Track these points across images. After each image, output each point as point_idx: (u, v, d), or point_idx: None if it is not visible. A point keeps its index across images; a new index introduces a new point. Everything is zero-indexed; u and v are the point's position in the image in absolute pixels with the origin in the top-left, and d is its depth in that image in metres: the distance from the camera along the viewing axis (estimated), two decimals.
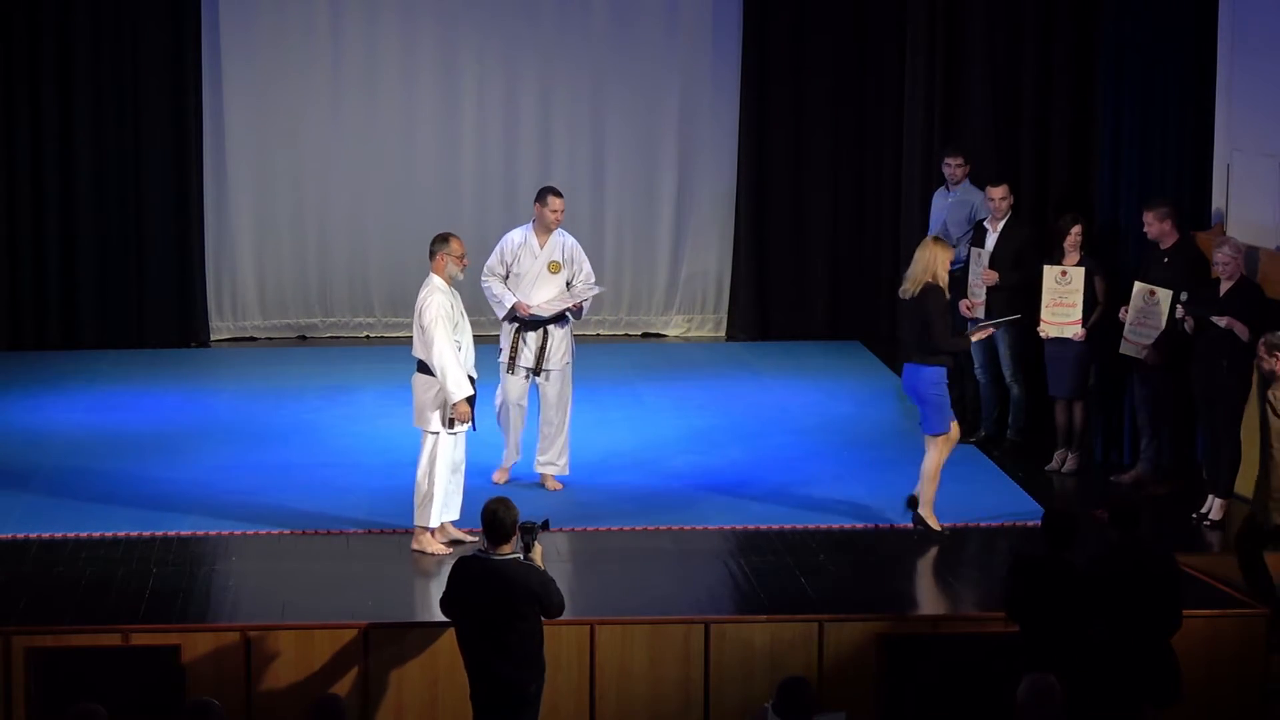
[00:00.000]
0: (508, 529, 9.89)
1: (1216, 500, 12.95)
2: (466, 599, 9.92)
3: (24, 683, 10.70)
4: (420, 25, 18.83)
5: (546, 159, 19.06)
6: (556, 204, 13.58)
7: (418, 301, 12.32)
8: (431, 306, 12.18)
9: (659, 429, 15.36)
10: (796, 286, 19.23)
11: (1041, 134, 15.84)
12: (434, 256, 12.40)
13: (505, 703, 9.87)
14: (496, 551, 9.90)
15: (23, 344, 18.29)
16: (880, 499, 13.44)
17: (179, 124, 18.41)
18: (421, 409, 12.31)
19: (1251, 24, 13.69)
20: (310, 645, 10.85)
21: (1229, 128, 13.90)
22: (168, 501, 13.30)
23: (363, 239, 19.02)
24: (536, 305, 13.46)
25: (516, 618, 9.82)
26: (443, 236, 12.54)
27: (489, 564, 9.89)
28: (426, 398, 12.26)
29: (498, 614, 9.82)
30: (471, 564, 9.96)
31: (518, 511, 10.03)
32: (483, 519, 9.97)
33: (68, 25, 18.12)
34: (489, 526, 9.91)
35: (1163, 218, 13.67)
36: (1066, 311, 13.79)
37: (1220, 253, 12.95)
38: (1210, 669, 11.16)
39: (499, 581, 9.83)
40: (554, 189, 13.77)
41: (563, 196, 13.71)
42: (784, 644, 10.91)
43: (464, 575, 9.97)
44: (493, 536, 9.90)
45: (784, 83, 18.95)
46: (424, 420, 12.29)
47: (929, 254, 12.54)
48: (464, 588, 9.94)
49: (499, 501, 10.04)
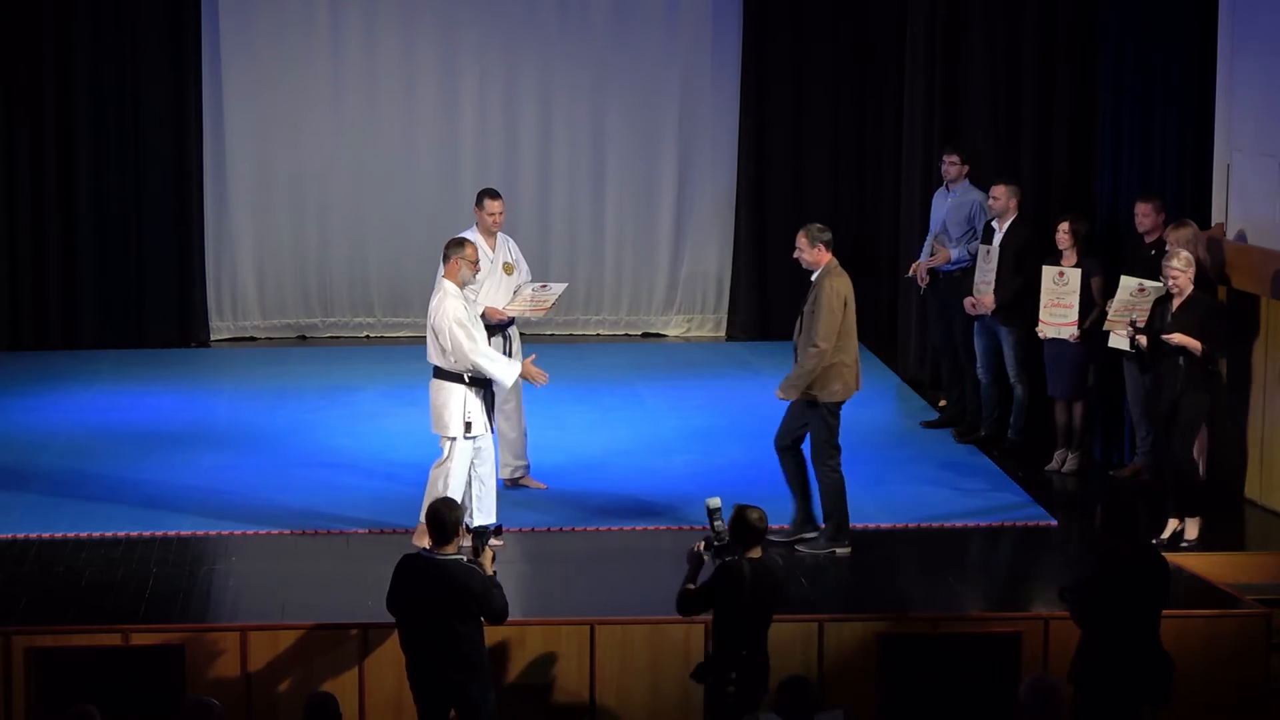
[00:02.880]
0: (449, 529, 9.91)
1: (1189, 520, 12.58)
2: (407, 596, 9.94)
3: (24, 683, 10.69)
4: (420, 26, 18.84)
5: (546, 159, 19.07)
6: (494, 207, 13.38)
7: (431, 308, 12.24)
8: (447, 311, 12.11)
9: (659, 429, 15.36)
10: (796, 286, 19.10)
11: (1041, 134, 15.84)
12: (448, 260, 12.26)
13: (445, 704, 9.90)
14: (440, 551, 9.92)
15: (23, 344, 18.29)
16: (880, 499, 13.43)
17: (179, 124, 18.42)
18: (439, 414, 12.26)
19: (1251, 24, 13.69)
20: (310, 645, 10.85)
21: (1229, 128, 13.90)
22: (168, 501, 13.30)
23: (363, 239, 19.03)
24: (504, 308, 13.29)
25: (455, 619, 9.82)
26: (458, 241, 12.43)
27: (431, 563, 9.91)
28: (443, 403, 12.22)
29: (437, 613, 9.83)
30: (414, 562, 10.00)
31: (462, 512, 10.14)
32: (426, 518, 10.04)
33: (68, 25, 18.13)
34: (432, 525, 9.94)
35: (1159, 210, 13.74)
36: (1063, 312, 13.80)
37: (1170, 267, 12.51)
38: (1210, 669, 11.16)
39: (439, 581, 9.84)
40: (492, 191, 13.57)
41: (501, 198, 13.51)
42: (784, 644, 10.89)
43: (406, 573, 10.00)
44: (436, 536, 9.92)
45: (784, 83, 18.95)
46: (442, 425, 12.25)
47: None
48: (405, 585, 9.96)
49: (443, 501, 10.18)
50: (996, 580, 12.50)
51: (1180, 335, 12.35)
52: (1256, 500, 13.62)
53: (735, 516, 9.99)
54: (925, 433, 15.43)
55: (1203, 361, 12.39)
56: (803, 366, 12.28)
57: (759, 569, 9.94)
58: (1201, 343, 12.34)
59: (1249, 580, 12.01)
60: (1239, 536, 13.28)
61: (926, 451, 14.86)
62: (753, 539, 9.96)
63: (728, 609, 9.91)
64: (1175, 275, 12.48)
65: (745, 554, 9.93)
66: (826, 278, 12.35)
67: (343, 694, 10.49)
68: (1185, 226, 13.40)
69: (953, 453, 14.83)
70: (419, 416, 15.33)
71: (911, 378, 17.22)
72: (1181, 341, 12.34)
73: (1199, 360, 12.38)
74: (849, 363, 12.43)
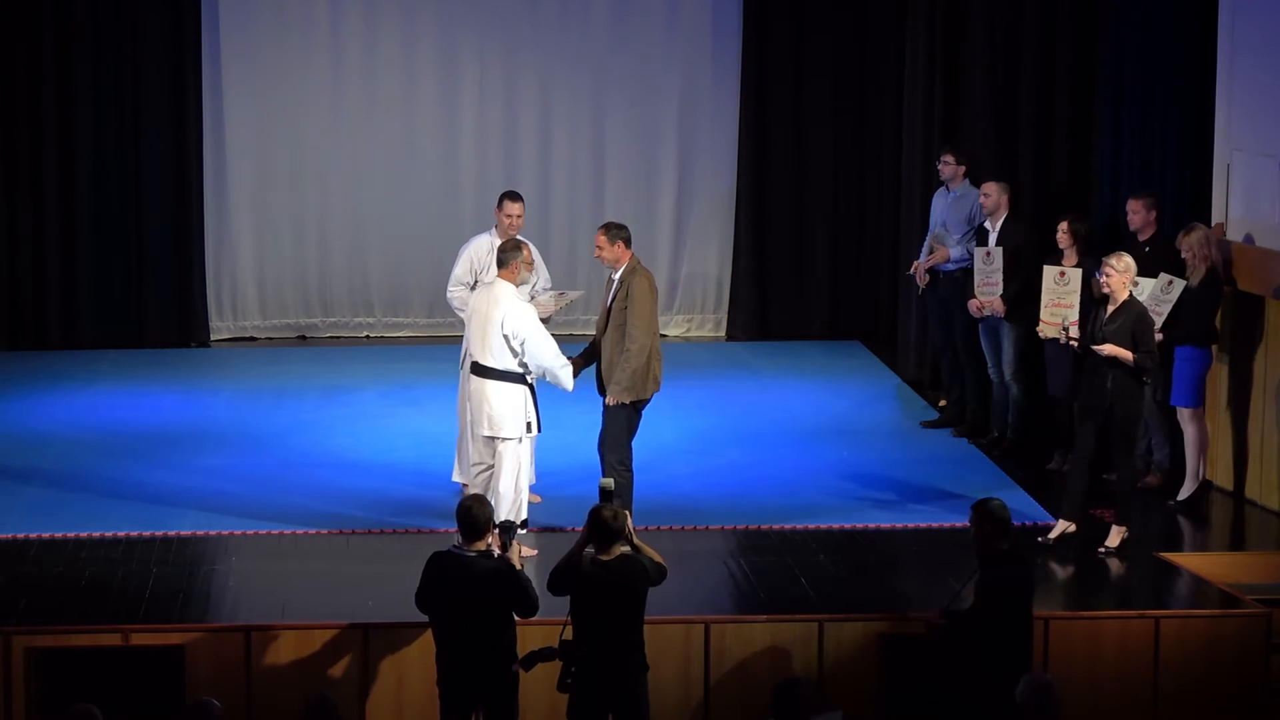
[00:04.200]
0: (481, 526, 9.93)
1: (1115, 528, 12.47)
2: (442, 594, 9.95)
3: (24, 683, 10.69)
4: (420, 26, 18.83)
5: (546, 159, 19.07)
6: (514, 209, 13.25)
7: (498, 313, 12.06)
8: (524, 314, 12.10)
9: (659, 429, 15.33)
10: (796, 286, 19.23)
11: (1041, 134, 15.84)
12: (507, 265, 12.19)
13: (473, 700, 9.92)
14: (470, 547, 9.93)
15: (23, 344, 18.29)
16: (880, 499, 13.43)
17: (179, 124, 18.42)
18: (500, 417, 12.16)
19: (1251, 24, 13.69)
20: (310, 645, 10.85)
21: (1229, 128, 13.90)
22: (168, 501, 13.30)
23: (363, 239, 19.02)
24: None
25: (491, 614, 9.86)
26: (516, 244, 12.34)
27: (464, 560, 9.92)
28: (504, 405, 12.15)
29: (473, 610, 9.85)
30: (447, 559, 10.00)
31: (491, 509, 10.15)
32: (458, 515, 10.03)
33: (68, 26, 18.13)
34: (464, 523, 9.95)
35: (1150, 208, 13.75)
36: (1065, 312, 13.79)
37: (1107, 264, 12.36)
38: (1210, 669, 11.16)
39: (474, 578, 9.86)
40: (514, 193, 13.46)
41: (522, 201, 13.40)
42: (784, 644, 10.91)
43: (439, 570, 10.00)
44: (467, 533, 9.94)
45: (784, 83, 18.95)
46: (498, 427, 12.17)
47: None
48: (439, 583, 9.97)
49: (473, 498, 10.20)
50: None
51: (1112, 346, 12.22)
52: (1256, 500, 13.62)
53: (590, 514, 9.90)
54: (925, 433, 15.43)
55: (1135, 371, 12.33)
56: (629, 365, 12.24)
57: (601, 571, 9.82)
58: (1133, 351, 12.25)
59: (1249, 580, 11.99)
60: (1239, 536, 13.29)
61: (926, 451, 14.85)
62: (605, 538, 9.84)
63: (573, 603, 9.89)
64: (1109, 275, 12.29)
65: (599, 554, 9.84)
66: (634, 275, 12.31)
67: (343, 694, 10.51)
68: (1195, 230, 13.39)
69: (953, 452, 14.82)
70: (419, 416, 15.41)
71: (911, 378, 17.22)
72: (1114, 353, 12.23)
73: (1131, 370, 12.30)
74: (658, 359, 12.39)
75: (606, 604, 9.81)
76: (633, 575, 9.85)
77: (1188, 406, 13.46)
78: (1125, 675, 11.14)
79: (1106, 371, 12.28)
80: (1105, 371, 12.29)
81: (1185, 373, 13.43)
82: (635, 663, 9.89)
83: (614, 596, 9.82)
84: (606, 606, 9.81)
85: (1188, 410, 13.47)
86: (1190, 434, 13.49)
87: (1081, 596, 11.97)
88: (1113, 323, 12.29)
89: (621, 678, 9.82)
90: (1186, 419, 13.49)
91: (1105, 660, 11.15)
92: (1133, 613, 11.34)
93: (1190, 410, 13.48)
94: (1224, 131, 13.94)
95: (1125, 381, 12.29)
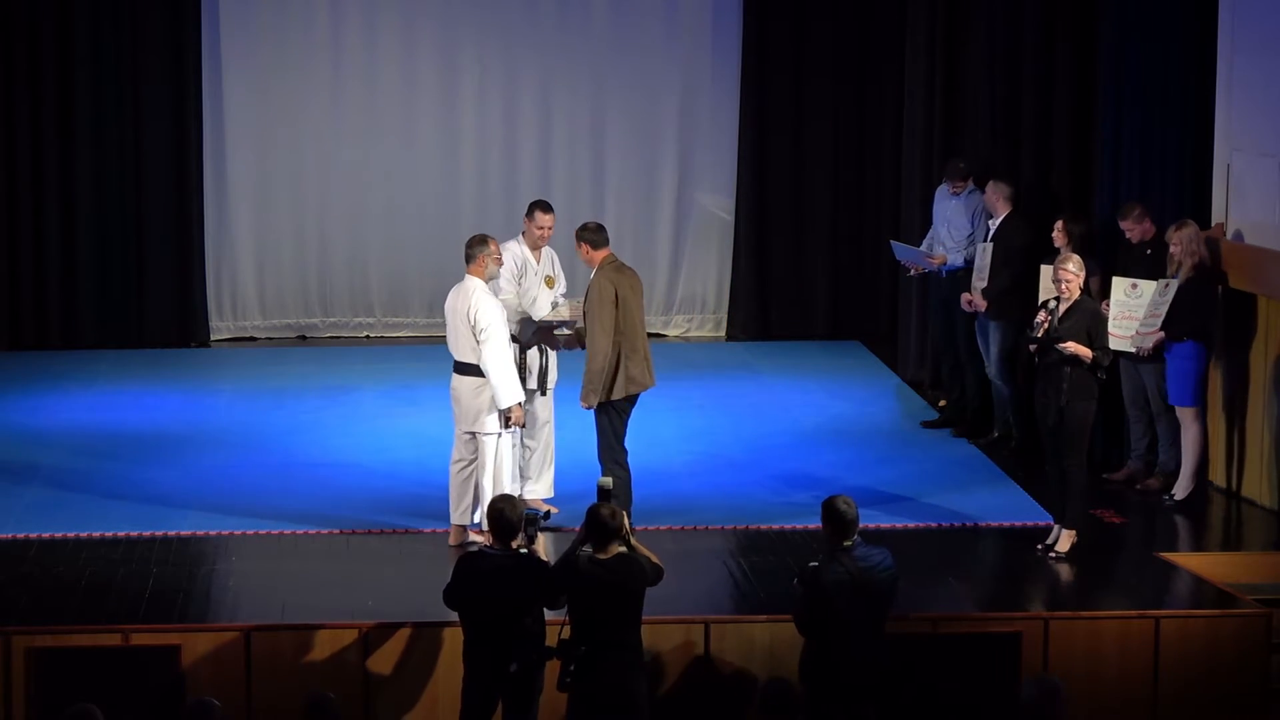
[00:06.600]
0: (514, 526, 9.97)
1: (1065, 532, 12.42)
2: (472, 595, 9.96)
3: (24, 683, 10.69)
4: (420, 25, 18.84)
5: (546, 159, 19.07)
6: (545, 220, 13.10)
7: (466, 306, 12.10)
8: (491, 309, 12.10)
9: (659, 429, 15.34)
10: (796, 286, 19.23)
11: (1042, 134, 15.83)
12: (474, 260, 12.18)
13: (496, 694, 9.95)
14: (503, 548, 9.95)
15: (23, 344, 18.30)
16: (880, 499, 13.43)
17: (179, 123, 18.42)
18: (476, 413, 12.19)
19: (1251, 24, 13.69)
20: (310, 645, 10.85)
21: (1229, 128, 13.90)
22: (168, 501, 13.30)
23: (363, 239, 19.03)
24: (538, 320, 12.99)
25: (523, 611, 9.89)
26: (482, 239, 12.32)
27: (496, 561, 9.94)
28: (480, 400, 12.17)
29: (506, 609, 9.87)
30: (479, 562, 10.01)
31: (523, 508, 10.17)
32: (489, 517, 10.04)
33: (67, 25, 18.13)
34: (496, 524, 9.97)
35: (1140, 219, 13.77)
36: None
37: (1064, 269, 12.31)
38: (1210, 669, 11.16)
39: (508, 580, 9.88)
40: (545, 204, 13.27)
41: (552, 212, 13.22)
42: (784, 644, 10.89)
43: (470, 571, 10.01)
44: (500, 534, 9.95)
45: (784, 83, 18.95)
46: (480, 423, 12.20)
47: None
48: (471, 584, 9.98)
49: (503, 499, 10.20)
50: (997, 580, 12.49)
51: (1074, 345, 12.21)
52: (1256, 500, 13.62)
53: (587, 513, 9.89)
54: (925, 433, 15.43)
55: (1091, 369, 12.33)
56: (588, 368, 12.29)
57: (598, 569, 9.81)
58: (1091, 349, 12.25)
59: (1249, 580, 11.99)
60: (1239, 536, 13.29)
61: (926, 451, 14.85)
62: (603, 537, 9.83)
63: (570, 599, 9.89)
64: (1069, 279, 12.29)
65: (596, 552, 9.83)
66: (596, 277, 12.32)
67: (342, 694, 10.50)
68: (1186, 226, 13.40)
69: (952, 453, 14.83)
70: (419, 416, 15.40)
71: (911, 378, 17.23)
72: (1075, 350, 12.21)
73: (1088, 368, 12.30)
74: (634, 358, 12.34)
75: (604, 603, 9.81)
76: (630, 574, 9.85)
77: (1188, 406, 13.46)
78: (1125, 675, 11.14)
79: (1063, 370, 12.31)
80: (1062, 370, 12.31)
81: (1184, 371, 13.42)
82: (632, 662, 9.90)
83: (611, 595, 9.81)
84: (604, 605, 9.82)
85: (1189, 410, 13.46)
86: (1190, 434, 13.49)
87: (1081, 596, 11.96)
88: (1067, 320, 12.31)
89: (619, 677, 9.83)
90: (1187, 419, 13.48)
91: (1105, 660, 11.14)
92: (1133, 613, 11.34)
93: (1190, 410, 13.47)
94: (1224, 131, 13.94)
95: (1081, 379, 12.31)
